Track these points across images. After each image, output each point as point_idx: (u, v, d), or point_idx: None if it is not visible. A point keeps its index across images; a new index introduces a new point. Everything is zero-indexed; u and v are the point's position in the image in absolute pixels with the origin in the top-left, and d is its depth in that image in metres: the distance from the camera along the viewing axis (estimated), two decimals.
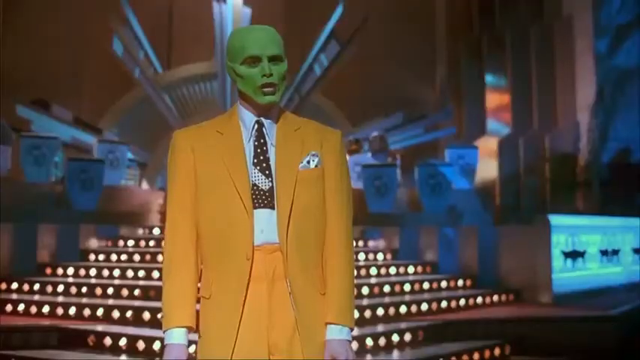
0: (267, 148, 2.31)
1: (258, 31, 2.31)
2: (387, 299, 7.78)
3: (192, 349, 5.54)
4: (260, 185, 2.28)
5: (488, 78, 15.59)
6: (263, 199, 2.29)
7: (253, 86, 2.27)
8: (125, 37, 13.27)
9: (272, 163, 2.30)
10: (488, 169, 13.44)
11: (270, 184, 2.29)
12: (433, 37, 16.59)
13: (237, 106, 2.38)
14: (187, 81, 13.73)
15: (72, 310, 7.17)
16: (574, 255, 9.51)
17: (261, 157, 2.30)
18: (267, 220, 2.28)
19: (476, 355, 6.85)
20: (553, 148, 14.33)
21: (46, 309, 7.28)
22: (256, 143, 2.31)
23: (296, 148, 2.32)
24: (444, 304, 8.01)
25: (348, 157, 10.66)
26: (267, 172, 2.29)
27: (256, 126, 2.33)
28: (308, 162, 2.30)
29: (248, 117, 2.33)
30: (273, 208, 2.29)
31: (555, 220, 9.23)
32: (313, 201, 2.32)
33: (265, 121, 2.34)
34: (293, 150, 2.31)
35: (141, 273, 8.09)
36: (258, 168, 2.29)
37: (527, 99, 14.83)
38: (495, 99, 15.32)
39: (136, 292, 7.52)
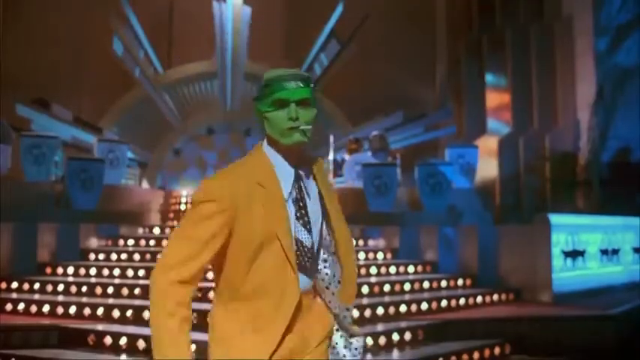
0: (305, 203, 2.36)
1: (287, 75, 2.30)
2: (387, 298, 7.78)
3: None
4: (305, 242, 2.34)
5: (489, 77, 15.59)
6: (307, 256, 2.36)
7: (280, 129, 2.28)
8: (125, 37, 13.28)
9: (311, 217, 2.37)
10: (488, 168, 13.46)
11: (311, 240, 2.36)
12: (433, 37, 16.61)
13: (266, 149, 2.37)
14: (188, 80, 13.74)
15: (72, 310, 7.17)
16: (574, 254, 9.51)
17: (304, 211, 2.34)
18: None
19: (476, 355, 6.85)
20: (553, 147, 14.33)
21: (46, 308, 7.28)
22: (298, 196, 2.35)
23: (317, 199, 2.42)
24: (444, 303, 8.01)
25: (348, 156, 10.63)
26: (308, 226, 2.35)
27: (296, 182, 2.36)
28: (333, 206, 2.46)
29: (285, 168, 2.35)
30: (314, 268, 2.38)
31: (555, 219, 9.22)
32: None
33: (302, 174, 2.37)
34: (317, 203, 2.41)
35: (141, 272, 8.10)
36: (300, 222, 2.34)
37: (528, 98, 14.83)
38: (495, 98, 15.32)
39: (137, 291, 7.52)
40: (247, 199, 2.25)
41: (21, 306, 7.42)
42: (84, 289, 7.76)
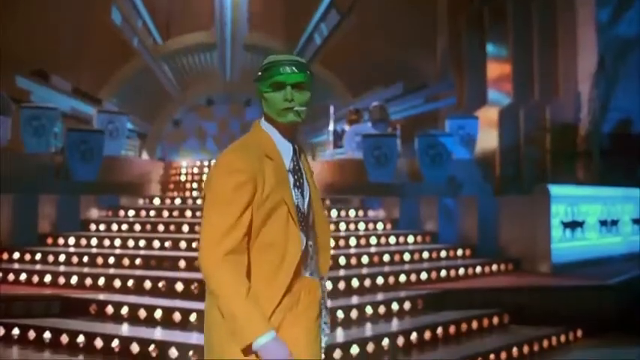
0: (302, 173, 2.62)
1: (285, 61, 2.53)
2: (386, 268, 7.82)
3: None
4: (301, 207, 2.57)
5: (490, 48, 15.48)
6: (303, 220, 2.58)
7: (277, 109, 2.52)
8: (124, 7, 13.17)
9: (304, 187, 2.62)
10: (488, 139, 13.42)
11: (306, 206, 2.61)
12: (434, 8, 16.45)
13: (267, 127, 2.58)
14: (187, 51, 13.66)
15: (74, 280, 7.22)
16: (573, 225, 9.54)
17: (300, 181, 2.60)
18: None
19: (474, 324, 6.91)
20: (554, 118, 14.27)
21: (47, 278, 7.33)
22: (296, 167, 2.59)
23: (308, 172, 2.67)
24: (443, 273, 8.05)
25: (348, 127, 10.62)
26: (303, 194, 2.60)
27: (294, 155, 2.60)
28: (314, 185, 2.67)
29: (285, 145, 2.57)
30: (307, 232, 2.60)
31: (555, 190, 9.24)
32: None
33: (297, 147, 2.62)
34: (309, 174, 2.67)
35: (142, 242, 8.14)
36: (300, 191, 2.58)
37: (529, 69, 14.74)
38: (496, 69, 15.23)
39: (137, 261, 7.57)
40: (261, 171, 2.46)
41: (23, 276, 7.47)
42: (85, 259, 7.81)
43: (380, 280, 7.35)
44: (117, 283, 7.04)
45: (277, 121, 2.54)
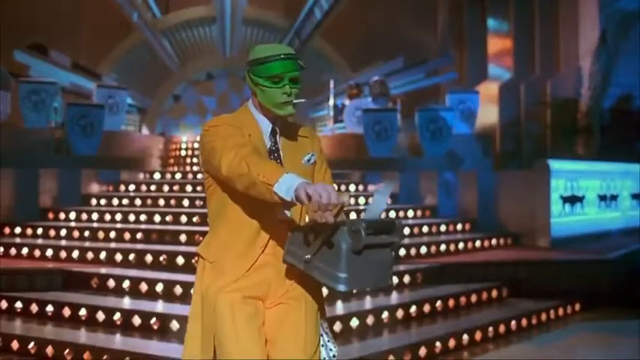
0: (279, 151, 2.74)
1: (284, 54, 2.63)
2: None
3: None
4: None
5: (491, 22, 15.38)
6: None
7: (273, 101, 2.64)
8: None
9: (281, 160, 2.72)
10: (488, 114, 13.40)
11: None
12: None
13: (252, 109, 2.73)
14: (186, 25, 13.59)
15: (75, 254, 7.26)
16: (573, 200, 9.56)
17: (275, 155, 2.71)
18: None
19: (473, 297, 6.95)
20: (554, 93, 14.22)
21: (49, 252, 7.37)
22: (273, 148, 2.72)
23: (298, 149, 2.77)
24: (442, 247, 8.09)
25: (348, 101, 10.57)
26: None
27: (272, 133, 2.73)
28: (308, 160, 2.76)
29: (265, 123, 2.72)
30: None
31: (555, 165, 9.25)
32: None
33: (277, 129, 2.74)
34: (296, 152, 2.76)
35: (142, 217, 8.18)
36: None
37: (530, 44, 14.66)
38: (497, 44, 15.15)
39: (138, 235, 7.61)
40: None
41: (25, 250, 7.51)
42: (86, 233, 7.85)
43: None
44: (118, 257, 7.08)
45: (272, 112, 2.67)
